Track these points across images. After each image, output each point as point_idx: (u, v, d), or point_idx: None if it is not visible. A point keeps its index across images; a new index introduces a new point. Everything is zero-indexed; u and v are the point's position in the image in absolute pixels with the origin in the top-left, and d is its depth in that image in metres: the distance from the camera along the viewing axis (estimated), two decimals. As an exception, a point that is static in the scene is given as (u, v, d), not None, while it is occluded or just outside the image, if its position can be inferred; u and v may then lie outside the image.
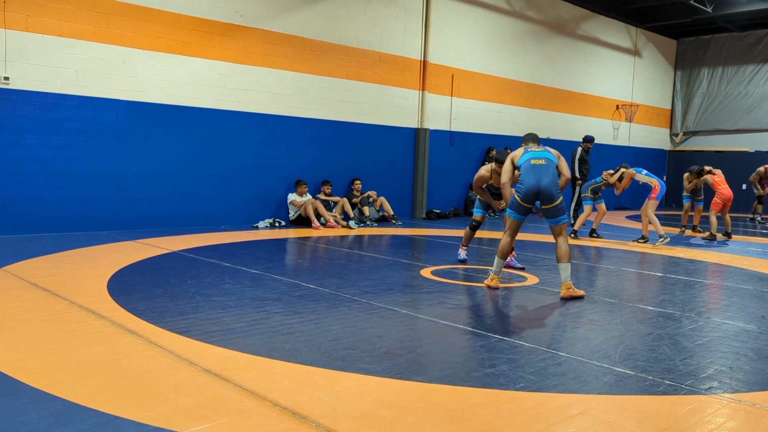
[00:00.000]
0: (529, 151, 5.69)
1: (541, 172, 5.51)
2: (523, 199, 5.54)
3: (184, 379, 3.13)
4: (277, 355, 3.57)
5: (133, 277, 5.59)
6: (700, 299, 5.60)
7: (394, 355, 3.64)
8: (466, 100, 13.32)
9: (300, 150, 10.64)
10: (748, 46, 18.07)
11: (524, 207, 5.59)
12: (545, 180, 5.48)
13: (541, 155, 5.62)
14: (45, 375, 3.13)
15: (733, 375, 3.53)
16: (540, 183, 5.46)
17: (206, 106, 9.49)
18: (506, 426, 2.73)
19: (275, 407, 2.83)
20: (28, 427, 2.55)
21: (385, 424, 2.71)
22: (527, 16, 14.54)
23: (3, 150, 7.78)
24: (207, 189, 9.63)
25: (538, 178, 5.49)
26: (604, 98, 17.05)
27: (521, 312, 4.99)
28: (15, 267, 5.85)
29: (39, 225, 8.09)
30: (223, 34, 9.54)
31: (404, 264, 6.98)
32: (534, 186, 5.48)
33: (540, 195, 5.49)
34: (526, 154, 5.68)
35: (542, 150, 5.69)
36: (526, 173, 5.56)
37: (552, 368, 3.50)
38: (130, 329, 3.97)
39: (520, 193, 5.54)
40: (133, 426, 2.60)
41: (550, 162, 5.61)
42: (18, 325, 3.99)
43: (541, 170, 5.53)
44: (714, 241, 10.08)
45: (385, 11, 11.66)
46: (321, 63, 10.75)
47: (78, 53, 8.23)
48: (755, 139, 18.12)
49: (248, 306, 4.71)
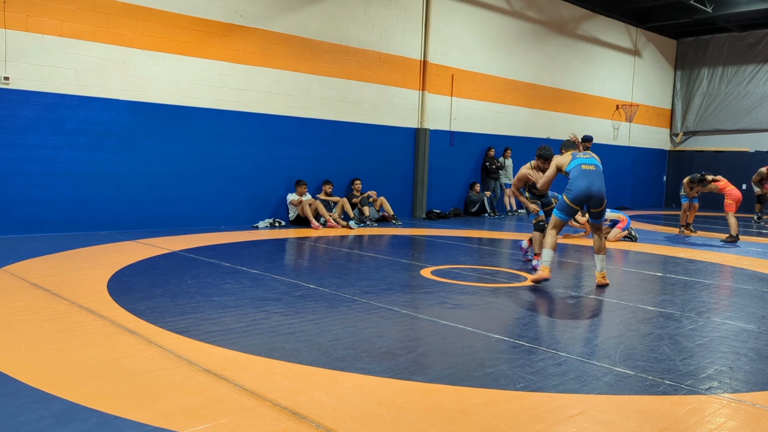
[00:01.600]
0: (577, 157, 6.04)
1: (592, 177, 5.86)
2: (573, 202, 5.86)
3: (184, 379, 3.13)
4: (277, 355, 3.57)
5: (133, 277, 5.59)
6: (700, 299, 5.60)
7: (394, 355, 3.64)
8: (466, 100, 13.32)
9: (300, 150, 10.64)
10: (748, 46, 18.07)
11: (573, 209, 5.93)
12: (597, 184, 5.85)
13: (590, 161, 5.98)
14: (45, 375, 3.13)
15: (733, 375, 3.53)
16: (592, 187, 5.81)
17: (206, 106, 9.49)
18: (506, 426, 2.73)
19: (275, 407, 2.83)
20: (28, 427, 2.55)
21: (385, 424, 2.71)
22: (527, 16, 14.53)
23: (3, 150, 7.78)
24: (207, 189, 9.63)
25: (590, 182, 5.82)
26: (604, 98, 17.05)
27: (521, 312, 4.99)
28: (15, 267, 5.85)
29: (39, 225, 8.08)
30: (223, 34, 9.54)
31: (404, 264, 6.98)
32: (586, 190, 5.80)
33: (591, 198, 5.84)
34: (576, 159, 6.02)
35: (590, 156, 6.06)
36: (578, 177, 5.87)
37: (552, 368, 3.50)
38: (130, 329, 3.97)
39: (570, 196, 5.86)
40: (133, 426, 2.60)
41: (599, 168, 5.99)
42: (18, 325, 3.99)
43: (592, 175, 5.88)
44: (737, 243, 10.04)
45: (385, 11, 11.66)
46: (321, 63, 10.75)
47: (78, 53, 8.23)
48: (755, 139, 18.11)
49: (248, 306, 4.71)
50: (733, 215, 10.31)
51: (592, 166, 5.94)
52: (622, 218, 9.90)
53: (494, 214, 13.62)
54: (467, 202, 13.50)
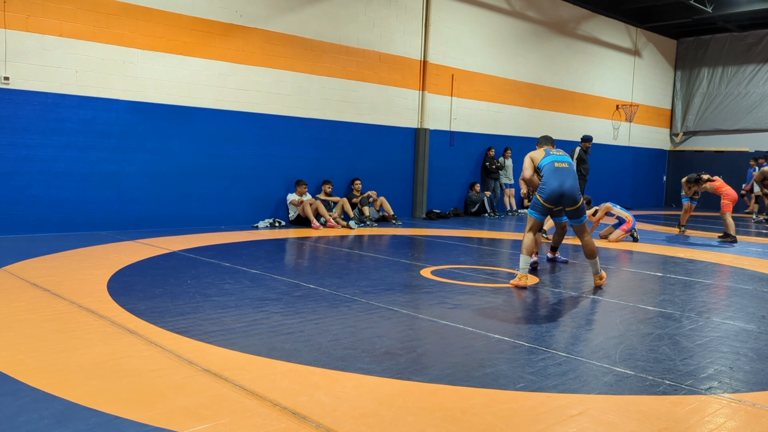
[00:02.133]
0: (551, 154, 5.97)
1: (564, 175, 5.79)
2: (546, 200, 5.79)
3: (184, 379, 3.13)
4: (277, 355, 3.57)
5: (133, 277, 5.59)
6: (700, 299, 5.60)
7: (394, 355, 3.64)
8: (466, 100, 13.32)
9: (300, 150, 10.64)
10: (748, 46, 18.07)
11: (546, 208, 5.85)
12: (568, 182, 5.77)
13: (563, 159, 5.92)
14: (45, 375, 3.13)
15: (733, 375, 3.53)
16: (563, 185, 5.74)
17: (206, 106, 9.49)
18: (506, 426, 2.73)
19: (275, 407, 2.83)
20: (28, 427, 2.55)
21: (385, 424, 2.71)
22: (527, 16, 14.54)
23: (3, 150, 7.78)
24: (207, 189, 9.63)
25: (561, 181, 5.75)
26: (604, 98, 17.05)
27: (521, 312, 4.99)
28: (15, 267, 5.85)
29: (39, 225, 8.09)
30: (223, 34, 9.54)
31: (404, 264, 6.98)
32: (558, 188, 5.73)
33: (563, 197, 5.76)
34: (549, 156, 5.96)
35: (563, 154, 5.99)
36: (550, 176, 5.81)
37: (552, 368, 3.50)
38: (130, 329, 3.97)
39: (543, 195, 5.79)
40: (133, 426, 2.60)
41: (571, 165, 5.92)
42: (18, 325, 3.99)
43: (564, 173, 5.81)
44: (735, 243, 10.04)
45: (385, 11, 11.66)
46: (321, 63, 10.75)
47: (78, 53, 8.23)
48: (755, 139, 18.11)
49: (248, 306, 4.71)
50: (730, 215, 10.34)
51: (564, 164, 5.88)
52: (628, 219, 9.81)
53: (494, 214, 13.62)
54: (467, 202, 13.50)
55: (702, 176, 10.77)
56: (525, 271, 5.81)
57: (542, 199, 5.79)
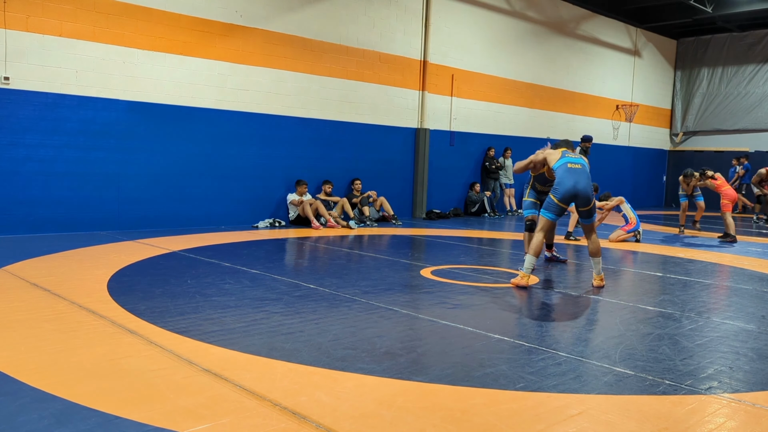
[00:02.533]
0: (566, 156, 6.07)
1: (578, 175, 5.88)
2: (560, 200, 5.85)
3: (184, 379, 3.13)
4: (277, 355, 3.57)
5: (133, 277, 5.59)
6: (700, 299, 5.60)
7: (394, 355, 3.64)
8: (466, 100, 13.32)
9: (300, 150, 10.64)
10: (748, 46, 18.07)
11: (560, 207, 5.90)
12: (582, 182, 5.85)
13: (577, 160, 6.02)
14: (45, 375, 3.13)
15: (733, 375, 3.53)
16: (578, 185, 5.82)
17: (206, 106, 9.49)
18: (506, 426, 2.73)
19: (275, 407, 2.83)
20: (28, 427, 2.55)
21: (385, 424, 2.71)
22: (527, 16, 14.53)
23: (3, 150, 7.78)
24: (207, 189, 9.63)
25: (576, 180, 5.83)
26: (604, 98, 17.05)
27: (521, 312, 4.99)
28: (15, 267, 5.85)
29: (39, 225, 8.08)
30: (223, 34, 9.54)
31: (404, 264, 6.98)
32: (572, 188, 5.80)
33: (578, 196, 5.84)
34: (564, 158, 6.04)
35: (578, 156, 6.11)
36: (564, 176, 5.88)
37: (552, 368, 3.50)
38: (130, 329, 3.97)
39: (557, 194, 5.85)
40: (133, 426, 2.60)
41: (584, 166, 6.02)
42: (18, 325, 3.99)
43: (578, 173, 5.89)
44: (735, 243, 10.04)
45: (385, 11, 11.66)
46: (321, 63, 10.75)
47: (78, 53, 8.23)
48: (755, 139, 18.11)
49: (248, 306, 4.71)
50: (730, 215, 10.34)
51: (578, 165, 5.96)
52: (631, 220, 9.74)
53: (494, 214, 13.62)
54: (467, 202, 13.50)
55: (706, 171, 10.79)
56: (529, 271, 5.82)
57: (557, 198, 5.84)
